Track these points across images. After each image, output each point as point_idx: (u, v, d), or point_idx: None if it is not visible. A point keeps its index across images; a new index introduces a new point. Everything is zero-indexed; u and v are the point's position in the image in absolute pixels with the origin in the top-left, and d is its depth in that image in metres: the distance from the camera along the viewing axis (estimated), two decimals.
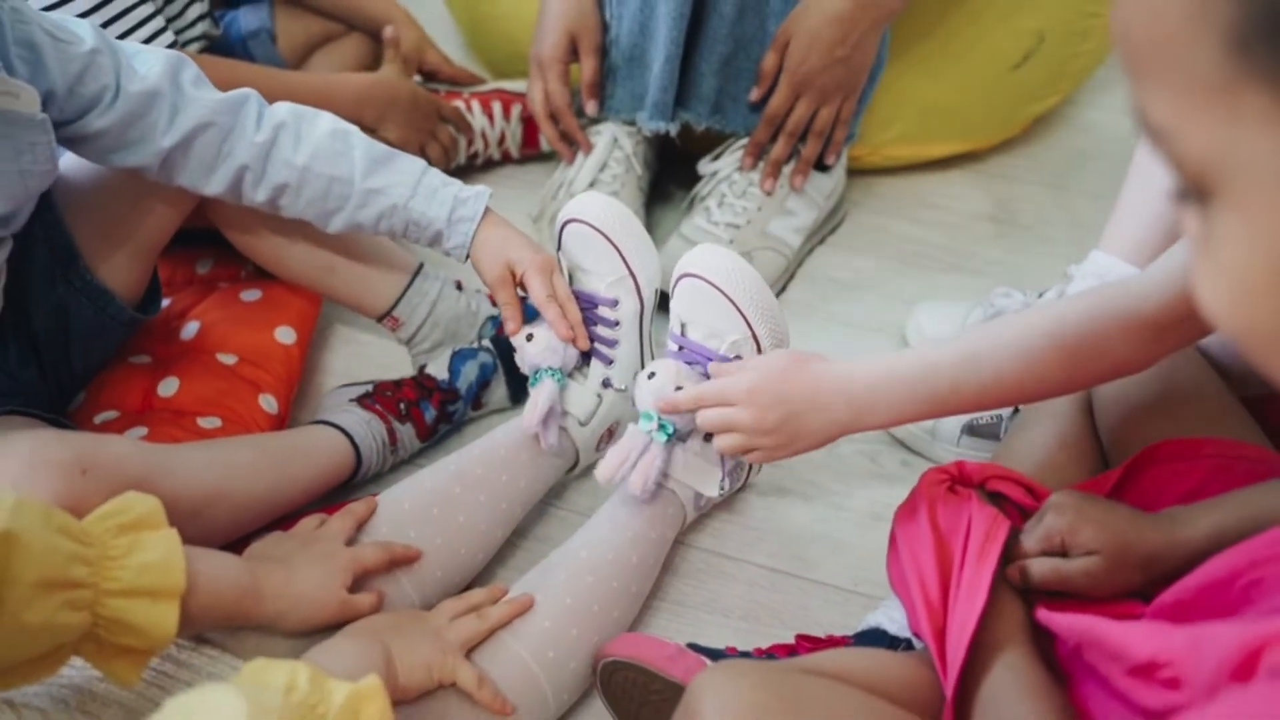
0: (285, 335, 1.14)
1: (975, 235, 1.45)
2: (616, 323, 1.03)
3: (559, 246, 1.05)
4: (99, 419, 1.03)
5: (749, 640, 0.92)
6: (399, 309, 1.14)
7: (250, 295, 1.18)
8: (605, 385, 1.04)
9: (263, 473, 0.93)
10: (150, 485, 0.76)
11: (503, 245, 1.00)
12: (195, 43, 1.27)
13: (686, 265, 0.95)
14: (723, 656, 0.85)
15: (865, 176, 1.50)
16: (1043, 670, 0.70)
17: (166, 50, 0.93)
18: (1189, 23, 0.33)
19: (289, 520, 0.95)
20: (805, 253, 1.38)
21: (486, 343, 1.15)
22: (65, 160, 0.94)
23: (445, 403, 1.10)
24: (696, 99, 1.28)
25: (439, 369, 1.12)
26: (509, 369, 1.13)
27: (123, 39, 1.01)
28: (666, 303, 1.03)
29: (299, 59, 1.46)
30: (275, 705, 0.54)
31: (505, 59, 1.56)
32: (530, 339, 1.00)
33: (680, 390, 0.92)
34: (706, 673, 0.69)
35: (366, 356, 1.25)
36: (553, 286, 0.99)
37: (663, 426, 0.93)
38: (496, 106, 1.48)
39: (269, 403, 1.08)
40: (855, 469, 1.13)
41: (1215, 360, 0.92)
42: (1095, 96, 1.69)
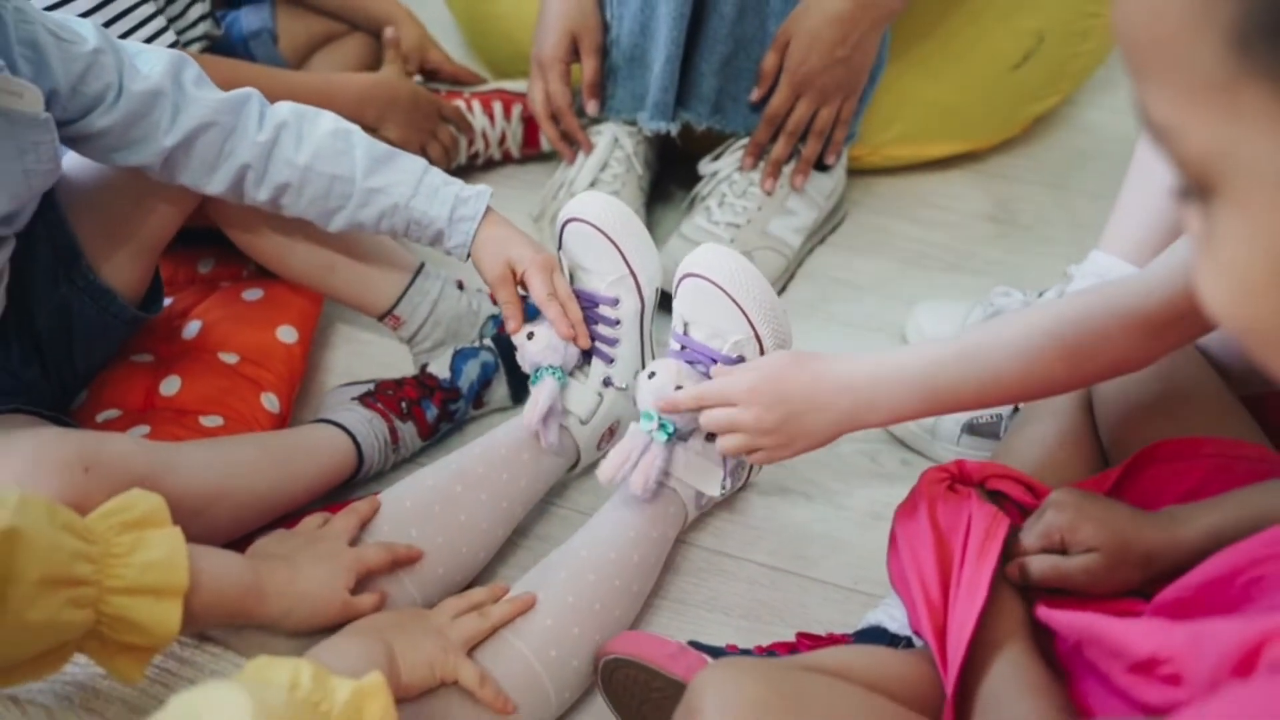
0: (287, 334, 1.14)
1: (975, 235, 1.45)
2: (617, 321, 1.03)
3: (560, 246, 1.05)
4: (101, 417, 1.03)
5: (750, 638, 0.92)
6: (400, 308, 1.14)
7: (252, 294, 1.18)
8: (606, 384, 1.04)
9: (265, 471, 0.93)
10: (153, 483, 0.76)
11: (504, 244, 1.00)
12: (197, 43, 1.27)
13: (690, 265, 0.95)
14: (723, 654, 0.85)
15: (865, 176, 1.50)
16: (1043, 667, 0.70)
17: (169, 50, 0.93)
18: (1190, 21, 0.33)
19: (291, 518, 0.95)
20: (805, 252, 1.38)
21: (488, 342, 1.15)
22: (68, 160, 0.94)
23: (447, 401, 1.10)
24: (697, 99, 1.28)
25: (440, 368, 1.12)
26: (510, 368, 1.14)
27: (124, 39, 1.01)
28: (667, 302, 1.03)
29: (300, 59, 1.46)
30: (279, 702, 0.54)
31: (506, 59, 1.56)
32: (531, 337, 1.01)
33: (680, 390, 0.92)
34: (708, 670, 0.69)
35: (368, 355, 1.25)
36: (553, 285, 1.00)
37: (663, 426, 0.93)
38: (497, 106, 1.48)
39: (271, 401, 1.08)
40: (855, 468, 1.13)
41: (1215, 359, 0.92)
42: (1095, 96, 1.69)
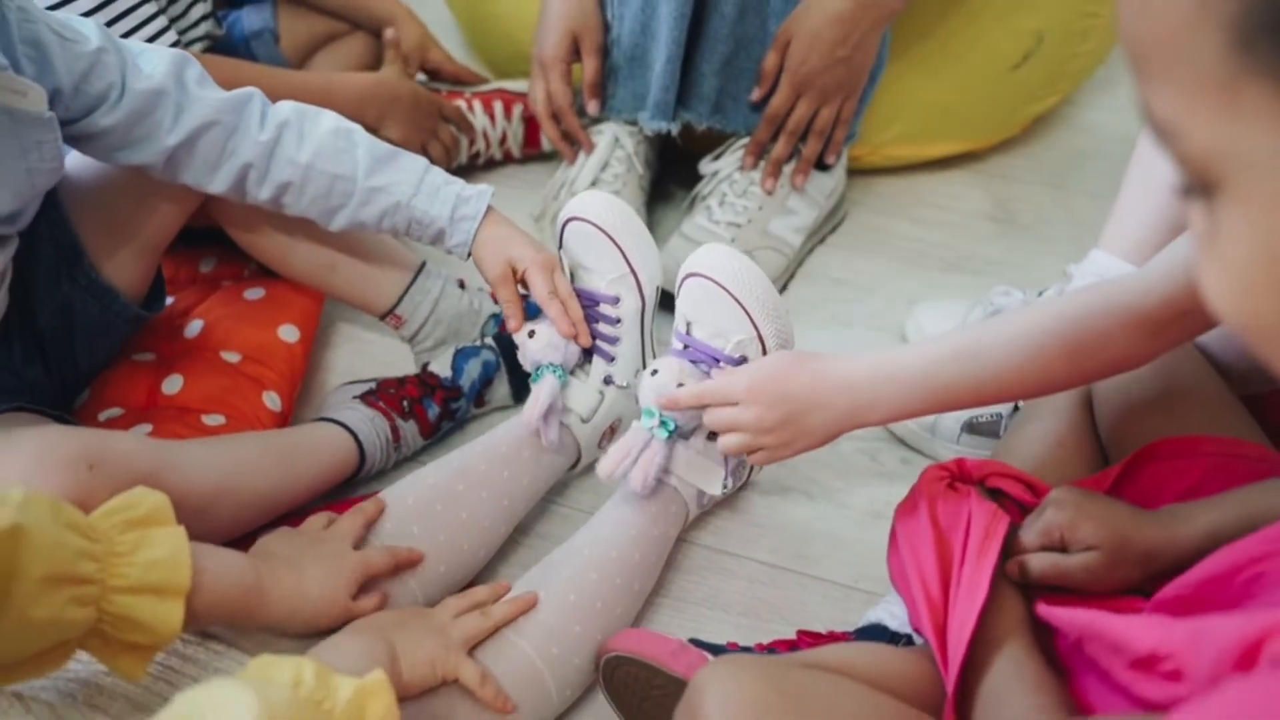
0: (288, 333, 1.14)
1: (975, 234, 1.45)
2: (618, 320, 1.03)
3: (560, 245, 1.05)
4: (104, 416, 1.03)
5: (750, 636, 0.92)
6: (401, 307, 1.14)
7: (253, 293, 1.18)
8: (607, 382, 1.05)
9: (268, 469, 0.93)
10: (157, 481, 0.76)
11: (504, 243, 1.01)
12: (198, 42, 1.27)
13: (693, 265, 0.95)
14: (724, 652, 0.86)
15: (865, 176, 1.50)
16: (1043, 665, 0.71)
17: (171, 49, 0.94)
18: (1192, 19, 0.33)
19: (294, 516, 0.95)
20: (806, 252, 1.39)
21: (489, 341, 1.15)
22: (70, 159, 0.95)
23: (448, 400, 1.10)
24: (698, 99, 1.28)
25: (442, 367, 1.12)
26: (512, 367, 1.14)
27: (126, 38, 1.01)
28: (668, 301, 1.03)
29: (301, 59, 1.46)
30: (283, 700, 0.54)
31: (506, 59, 1.56)
32: (532, 335, 1.01)
33: (682, 387, 0.92)
34: (709, 667, 0.70)
35: (369, 354, 1.25)
36: (554, 284, 1.00)
37: (664, 423, 0.93)
38: (498, 106, 1.48)
39: (273, 400, 1.08)
40: (856, 467, 1.14)
41: (1215, 358, 0.92)
42: (1094, 97, 1.69)
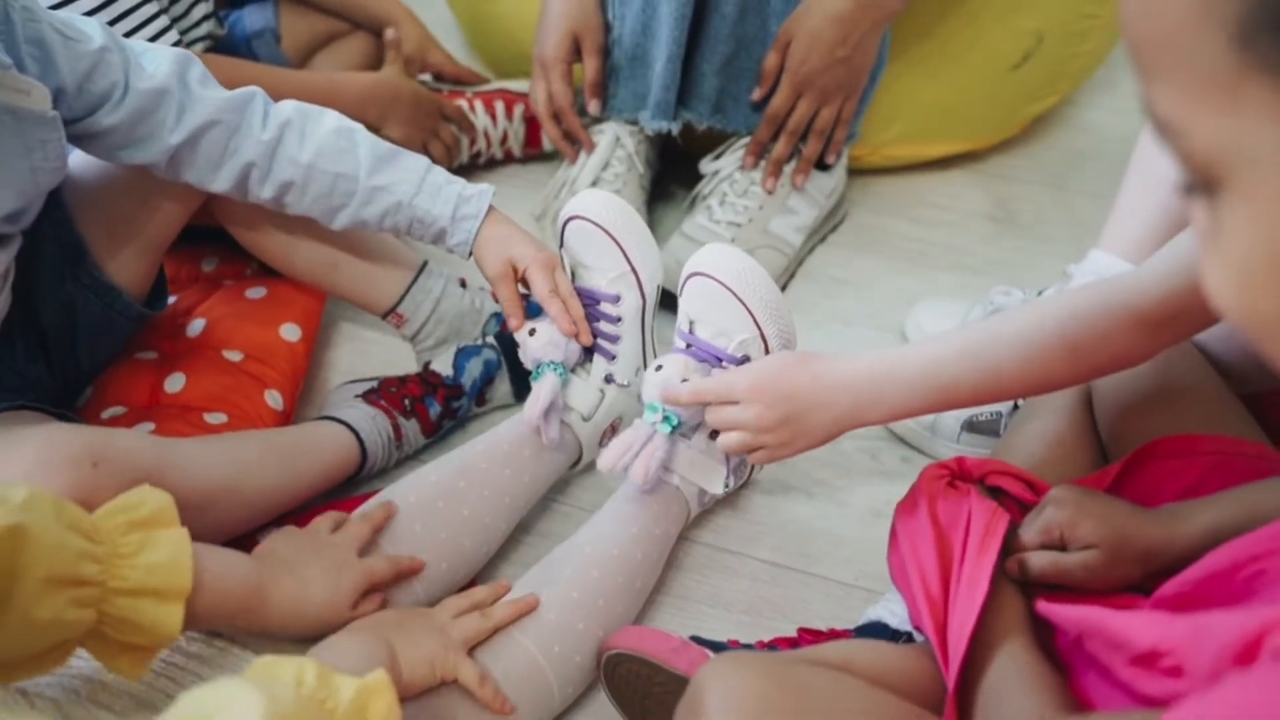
0: (290, 332, 1.15)
1: (975, 234, 1.46)
2: (619, 318, 1.03)
3: (561, 244, 1.05)
4: (106, 414, 1.04)
5: (751, 634, 0.93)
6: (403, 306, 1.14)
7: (255, 292, 1.18)
8: (608, 380, 1.05)
9: (271, 467, 0.93)
10: (161, 478, 0.77)
11: (505, 242, 1.01)
12: (200, 42, 1.28)
13: (696, 264, 0.96)
14: (725, 649, 0.86)
15: (865, 176, 1.51)
16: (1044, 662, 0.71)
17: (174, 49, 0.94)
18: (1194, 17, 0.33)
19: (296, 514, 0.95)
20: (806, 251, 1.39)
21: (490, 340, 1.16)
22: (73, 158, 0.95)
23: (449, 399, 1.11)
24: (698, 98, 1.29)
25: (443, 365, 1.12)
26: (513, 366, 1.14)
27: (128, 38, 1.01)
28: (668, 300, 1.04)
29: (303, 58, 1.46)
30: (288, 700, 0.54)
31: (508, 59, 1.57)
32: (533, 333, 1.01)
33: (686, 383, 0.92)
34: (712, 663, 0.70)
35: (371, 353, 1.26)
36: (555, 282, 1.00)
37: (667, 419, 0.93)
38: (499, 106, 1.49)
39: (274, 399, 1.09)
40: (856, 465, 1.14)
41: (1214, 357, 0.92)
42: (1094, 97, 1.70)
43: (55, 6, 1.01)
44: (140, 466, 0.79)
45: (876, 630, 0.87)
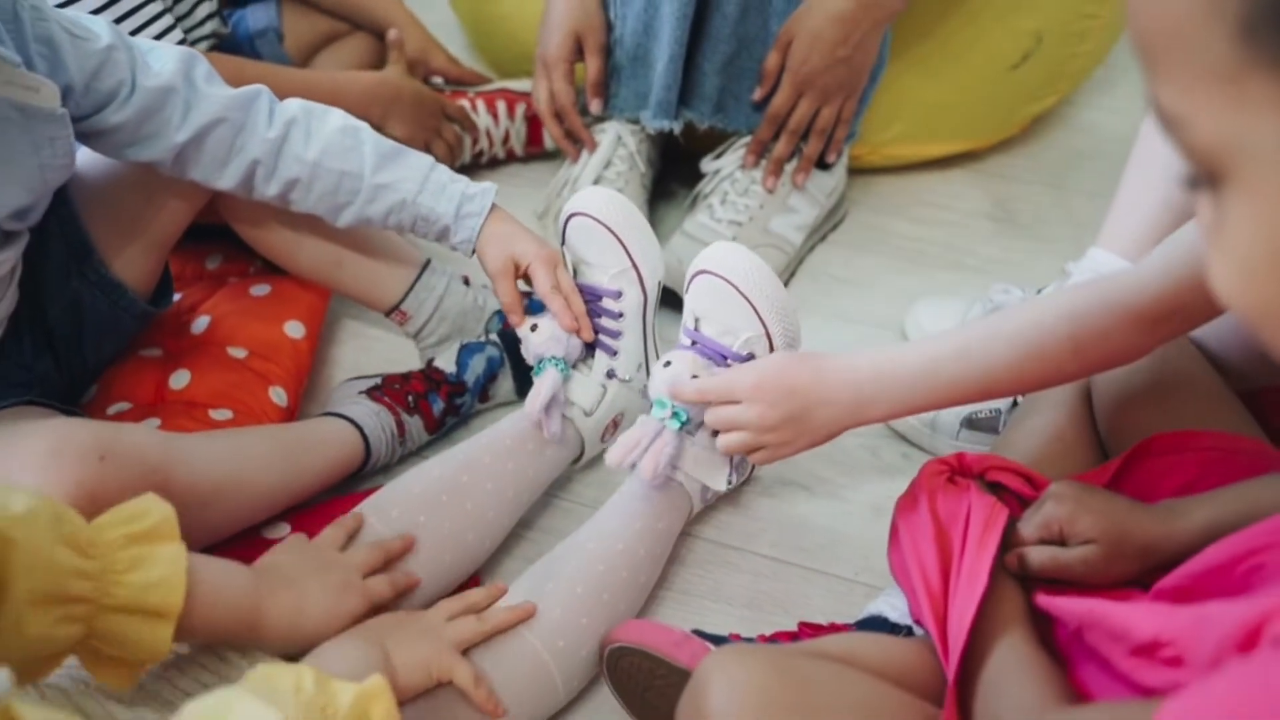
0: (294, 329, 1.15)
1: (974, 233, 1.46)
2: (620, 314, 1.04)
3: (563, 241, 1.06)
4: (112, 410, 1.04)
5: (752, 628, 0.93)
6: (406, 303, 1.15)
7: (259, 290, 1.19)
8: (610, 376, 1.05)
9: (275, 463, 0.94)
10: (167, 472, 0.77)
11: (508, 240, 1.02)
12: (203, 41, 1.28)
13: (703, 262, 0.96)
14: (727, 643, 0.86)
15: (866, 175, 1.51)
16: (1043, 654, 0.71)
17: (180, 47, 0.94)
18: (1198, 12, 0.34)
19: (300, 511, 0.96)
20: (807, 250, 1.40)
21: (493, 337, 1.16)
22: (80, 156, 0.95)
23: (453, 395, 1.11)
24: (700, 98, 1.29)
25: (446, 362, 1.13)
26: (516, 363, 1.15)
27: (133, 36, 1.02)
28: (669, 297, 1.04)
29: (305, 58, 1.47)
30: (289, 705, 0.55)
31: (510, 59, 1.57)
32: (535, 329, 1.02)
33: (695, 379, 0.93)
34: (713, 656, 0.70)
35: (375, 350, 1.26)
36: (557, 279, 1.01)
37: (676, 414, 0.94)
38: (501, 105, 1.49)
39: (279, 395, 1.09)
40: (857, 462, 1.14)
41: (1212, 354, 0.93)
42: (1093, 97, 1.70)
43: (62, 5, 1.02)
44: (147, 460, 0.80)
45: (877, 624, 0.88)
